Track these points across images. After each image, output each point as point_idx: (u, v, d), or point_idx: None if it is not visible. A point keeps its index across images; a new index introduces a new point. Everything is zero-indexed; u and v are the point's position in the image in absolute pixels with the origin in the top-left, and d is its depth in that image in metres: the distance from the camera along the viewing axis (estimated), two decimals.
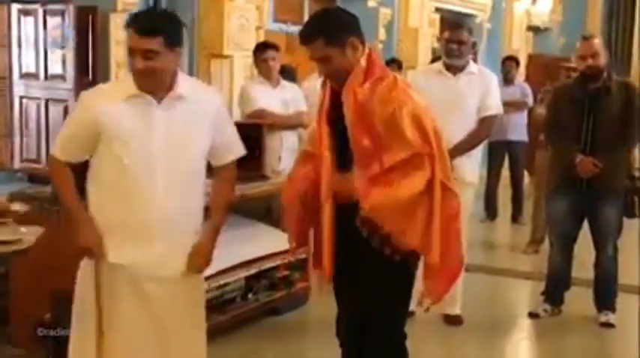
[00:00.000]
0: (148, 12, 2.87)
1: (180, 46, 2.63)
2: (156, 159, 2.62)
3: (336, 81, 2.72)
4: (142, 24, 2.55)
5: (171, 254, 2.71)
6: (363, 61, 2.68)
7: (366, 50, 2.71)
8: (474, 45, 4.54)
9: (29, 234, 2.65)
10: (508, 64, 7.84)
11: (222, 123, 2.81)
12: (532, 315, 4.77)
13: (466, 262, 2.97)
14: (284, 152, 5.21)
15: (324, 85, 2.84)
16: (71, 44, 5.74)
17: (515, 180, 7.73)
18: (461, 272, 2.89)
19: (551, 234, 4.82)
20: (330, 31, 2.64)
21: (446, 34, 4.47)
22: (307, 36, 2.67)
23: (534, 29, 12.55)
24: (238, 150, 2.92)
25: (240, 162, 2.96)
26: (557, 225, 4.70)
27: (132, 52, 2.56)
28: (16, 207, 3.54)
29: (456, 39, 4.36)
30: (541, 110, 6.01)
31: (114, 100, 2.60)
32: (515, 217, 7.79)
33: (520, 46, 11.77)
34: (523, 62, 11.64)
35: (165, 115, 2.63)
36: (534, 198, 6.63)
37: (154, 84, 2.60)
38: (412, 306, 2.92)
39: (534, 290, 5.16)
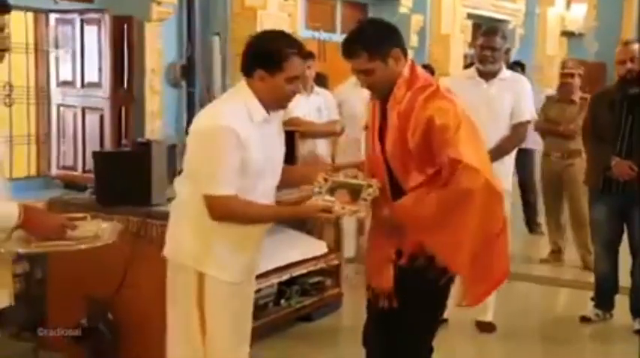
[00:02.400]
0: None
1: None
2: (274, 180, 2.84)
3: (379, 93, 2.71)
4: (299, 47, 2.69)
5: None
6: (406, 72, 2.66)
7: (408, 61, 2.69)
8: (508, 51, 4.53)
9: (108, 231, 2.66)
10: (514, 69, 7.76)
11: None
12: (584, 319, 4.75)
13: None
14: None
15: (371, 100, 2.82)
16: (107, 53, 5.81)
17: (526, 190, 7.47)
18: (504, 282, 2.83)
19: (594, 240, 4.80)
20: (373, 45, 2.63)
21: (479, 41, 4.47)
22: (350, 51, 2.65)
23: (568, 34, 12.44)
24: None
25: None
26: (599, 230, 4.69)
27: (296, 78, 2.67)
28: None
29: (489, 45, 4.35)
30: (541, 115, 5.99)
31: (248, 127, 2.62)
32: (534, 227, 7.56)
33: (554, 51, 11.66)
34: (557, 68, 11.57)
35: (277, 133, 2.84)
36: (545, 207, 6.55)
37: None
38: (445, 314, 2.91)
39: (567, 297, 5.11)
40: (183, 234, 2.74)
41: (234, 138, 2.55)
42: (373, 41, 2.64)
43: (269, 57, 2.62)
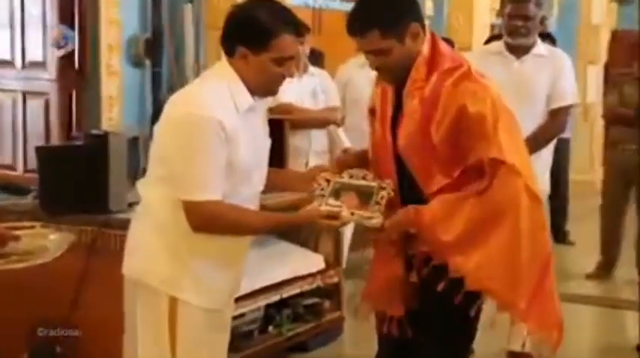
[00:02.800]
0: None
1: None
2: (261, 179, 2.84)
3: (393, 76, 2.70)
4: (298, 24, 2.70)
5: None
6: (425, 50, 2.65)
7: (427, 35, 2.68)
8: (543, 20, 4.55)
9: (57, 242, 2.66)
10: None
11: None
12: None
13: None
14: (312, 155, 5.24)
15: (378, 82, 2.82)
16: (53, 26, 5.83)
17: (558, 189, 7.22)
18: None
19: None
20: (388, 20, 2.60)
21: (508, 8, 4.47)
22: (359, 27, 2.63)
23: None
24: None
25: None
26: None
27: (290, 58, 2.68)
28: None
29: (520, 13, 4.36)
30: (612, 98, 6.00)
31: (233, 117, 2.63)
32: (562, 235, 7.53)
33: (601, 19, 11.68)
34: (605, 40, 11.59)
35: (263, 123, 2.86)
36: (601, 208, 6.59)
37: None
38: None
39: (620, 321, 5.13)
40: (151, 250, 2.73)
41: (220, 131, 2.55)
42: (387, 15, 2.61)
43: (254, 32, 2.61)
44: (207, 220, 2.60)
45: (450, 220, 2.56)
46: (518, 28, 4.37)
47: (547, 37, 7.25)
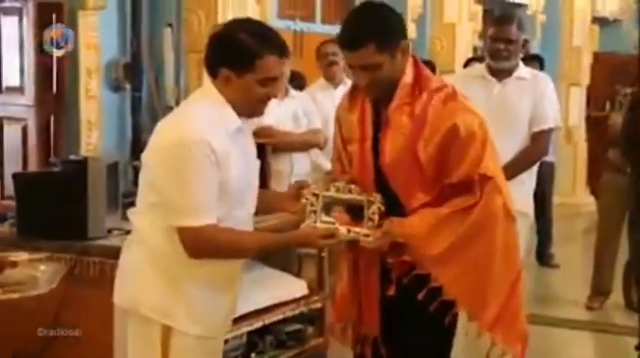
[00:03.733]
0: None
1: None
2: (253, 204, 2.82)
3: (380, 92, 2.74)
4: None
5: None
6: (409, 68, 2.73)
7: (409, 57, 2.75)
8: (525, 43, 4.55)
9: (48, 274, 2.63)
10: (531, 64, 7.81)
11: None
12: None
13: None
14: (294, 178, 5.24)
15: (352, 96, 2.86)
16: (31, 50, 5.83)
17: (543, 212, 7.22)
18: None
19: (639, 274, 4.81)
20: (384, 34, 2.66)
21: (490, 31, 4.48)
22: (355, 41, 2.66)
23: (601, 21, 12.59)
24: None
25: None
26: None
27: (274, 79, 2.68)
28: None
29: (503, 36, 4.37)
30: (616, 119, 6.00)
31: (222, 137, 2.63)
32: (546, 258, 7.56)
33: (583, 42, 11.80)
34: (587, 62, 11.69)
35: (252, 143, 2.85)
36: (598, 232, 6.59)
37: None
38: None
39: (610, 346, 5.12)
40: (143, 278, 2.71)
41: (210, 153, 2.54)
42: (384, 30, 2.68)
43: (237, 54, 2.62)
44: (203, 245, 2.60)
45: (437, 234, 2.63)
46: (500, 51, 4.38)
47: (535, 60, 7.33)
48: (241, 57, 2.61)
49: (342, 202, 2.71)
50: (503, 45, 4.37)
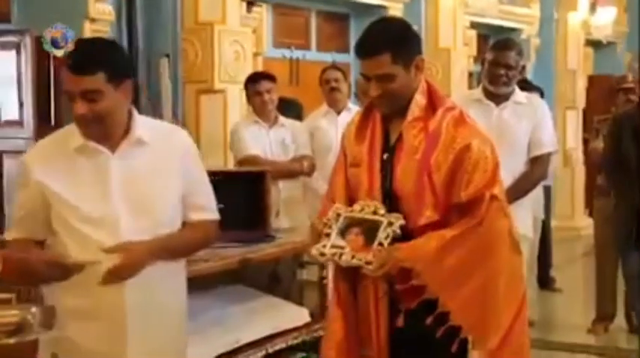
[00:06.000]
0: (83, 45, 2.78)
1: (128, 79, 2.66)
2: (119, 221, 2.60)
3: (391, 106, 2.77)
4: (76, 60, 2.58)
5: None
6: (423, 85, 2.77)
7: (422, 76, 2.79)
8: (523, 69, 4.58)
9: (40, 317, 2.60)
10: (529, 91, 7.85)
11: (191, 169, 2.77)
12: None
13: None
14: (282, 204, 5.24)
15: (364, 116, 2.87)
16: (29, 84, 5.84)
17: (542, 235, 7.05)
18: None
19: (632, 299, 4.79)
20: (400, 45, 2.71)
21: (490, 56, 4.50)
22: (372, 48, 2.70)
23: (595, 44, 12.66)
24: (213, 208, 2.84)
25: (239, 219, 3.00)
26: (636, 287, 4.68)
27: (70, 95, 2.59)
28: None
29: (503, 62, 4.40)
30: (596, 144, 6.05)
31: (56, 157, 2.64)
32: (548, 282, 7.58)
33: (578, 65, 11.85)
34: (582, 85, 11.75)
35: (122, 166, 2.64)
36: (596, 258, 6.58)
37: (100, 130, 2.63)
38: None
39: None
40: None
41: (26, 176, 2.69)
42: (400, 41, 2.72)
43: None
44: None
45: (443, 258, 2.62)
46: (500, 76, 4.40)
47: (535, 90, 7.38)
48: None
49: (362, 223, 2.68)
50: (503, 70, 4.40)
